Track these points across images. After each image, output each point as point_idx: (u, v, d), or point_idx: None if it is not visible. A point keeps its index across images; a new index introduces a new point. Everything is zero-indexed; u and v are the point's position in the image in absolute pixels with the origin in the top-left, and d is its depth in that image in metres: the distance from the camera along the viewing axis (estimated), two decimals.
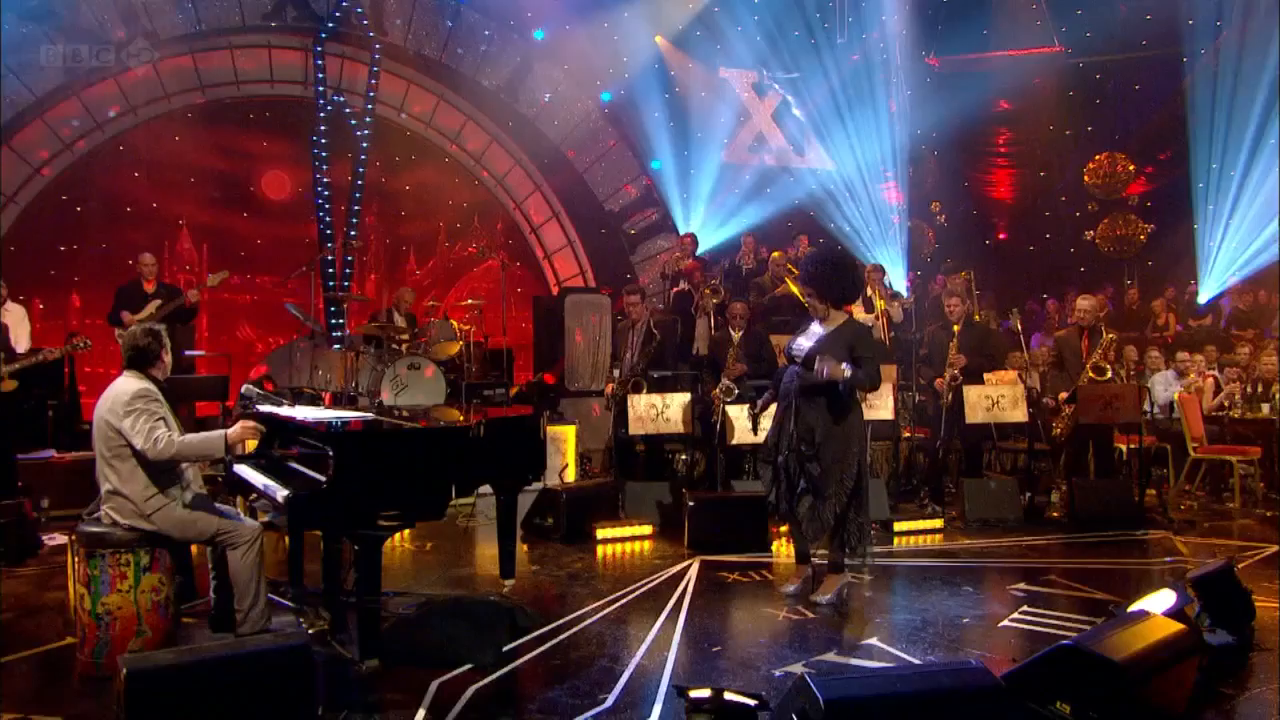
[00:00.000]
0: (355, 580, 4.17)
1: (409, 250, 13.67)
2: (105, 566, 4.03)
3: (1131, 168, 14.24)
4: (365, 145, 12.26)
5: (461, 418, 5.22)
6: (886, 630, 4.67)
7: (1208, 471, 8.64)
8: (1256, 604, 4.62)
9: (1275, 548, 6.50)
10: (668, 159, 13.87)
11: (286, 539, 5.52)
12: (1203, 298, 12.48)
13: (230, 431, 4.24)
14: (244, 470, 4.75)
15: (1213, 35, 12.92)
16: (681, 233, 13.03)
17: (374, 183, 12.66)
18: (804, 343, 5.12)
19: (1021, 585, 5.46)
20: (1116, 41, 13.53)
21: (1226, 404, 8.82)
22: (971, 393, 7.58)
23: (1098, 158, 14.40)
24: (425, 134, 13.45)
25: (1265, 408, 8.61)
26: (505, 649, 4.28)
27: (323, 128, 11.99)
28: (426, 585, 5.41)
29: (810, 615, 4.90)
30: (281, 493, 4.12)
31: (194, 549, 4.83)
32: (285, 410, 4.94)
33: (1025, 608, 5.01)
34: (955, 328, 7.90)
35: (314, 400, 8.34)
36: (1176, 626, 3.69)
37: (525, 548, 6.45)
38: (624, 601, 5.13)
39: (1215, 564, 4.66)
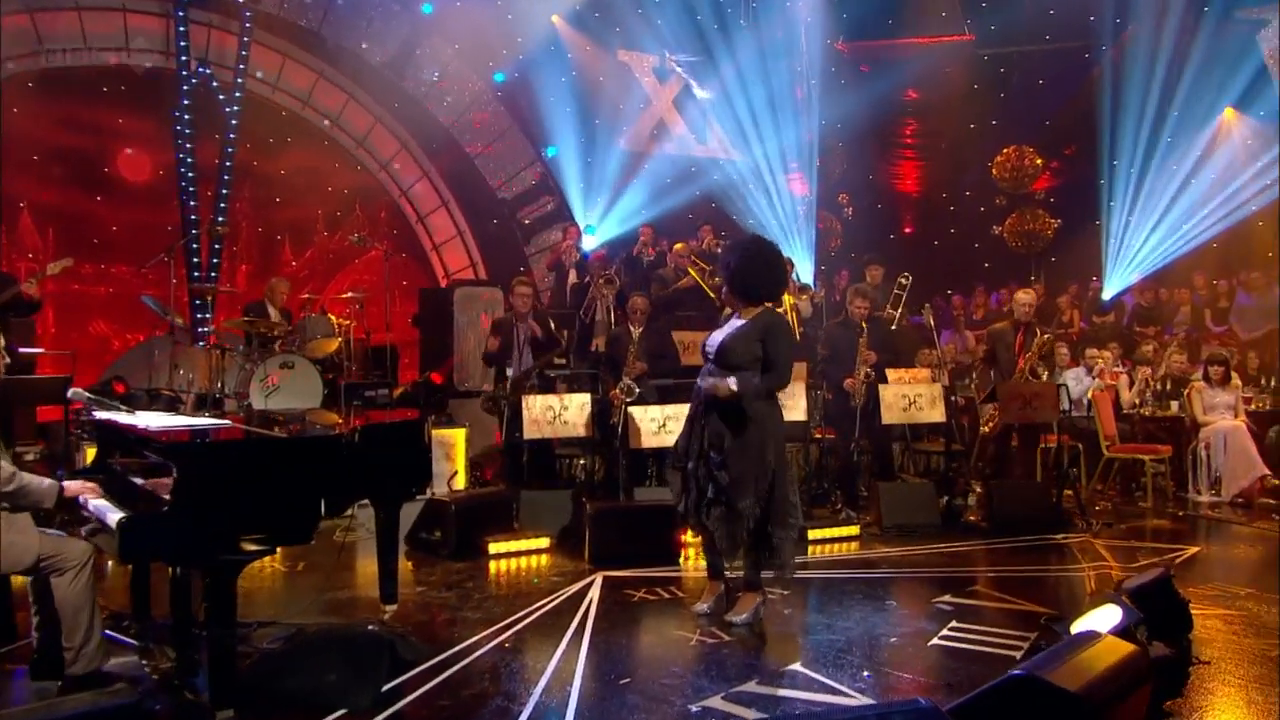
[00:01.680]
0: (206, 616, 3.57)
1: (284, 239, 12.94)
2: None
3: (1039, 161, 14.26)
4: (235, 123, 11.48)
5: (340, 421, 4.72)
6: (810, 653, 4.31)
7: (1119, 470, 8.63)
8: (1192, 613, 4.43)
9: (1195, 549, 6.46)
10: (565, 145, 13.38)
11: None
12: (1107, 294, 12.62)
13: (69, 485, 3.76)
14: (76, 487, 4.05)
15: (1115, 32, 13.05)
16: (581, 224, 12.58)
17: (245, 165, 11.88)
18: (717, 337, 4.78)
19: (947, 598, 5.20)
20: (1022, 35, 13.53)
21: (1138, 401, 8.82)
22: (888, 392, 7.34)
23: (1005, 151, 14.37)
24: (302, 113, 12.71)
25: (1174, 405, 8.64)
26: (385, 688, 3.78)
27: (186, 103, 11.12)
28: (297, 613, 4.82)
29: (726, 638, 4.50)
30: (115, 516, 3.47)
31: (15, 580, 4.14)
32: (125, 417, 4.30)
33: (954, 623, 4.73)
34: (864, 324, 7.63)
35: (172, 404, 7.58)
36: (1128, 648, 3.43)
37: (409, 565, 5.93)
38: (520, 626, 4.66)
39: (1152, 574, 4.42)
